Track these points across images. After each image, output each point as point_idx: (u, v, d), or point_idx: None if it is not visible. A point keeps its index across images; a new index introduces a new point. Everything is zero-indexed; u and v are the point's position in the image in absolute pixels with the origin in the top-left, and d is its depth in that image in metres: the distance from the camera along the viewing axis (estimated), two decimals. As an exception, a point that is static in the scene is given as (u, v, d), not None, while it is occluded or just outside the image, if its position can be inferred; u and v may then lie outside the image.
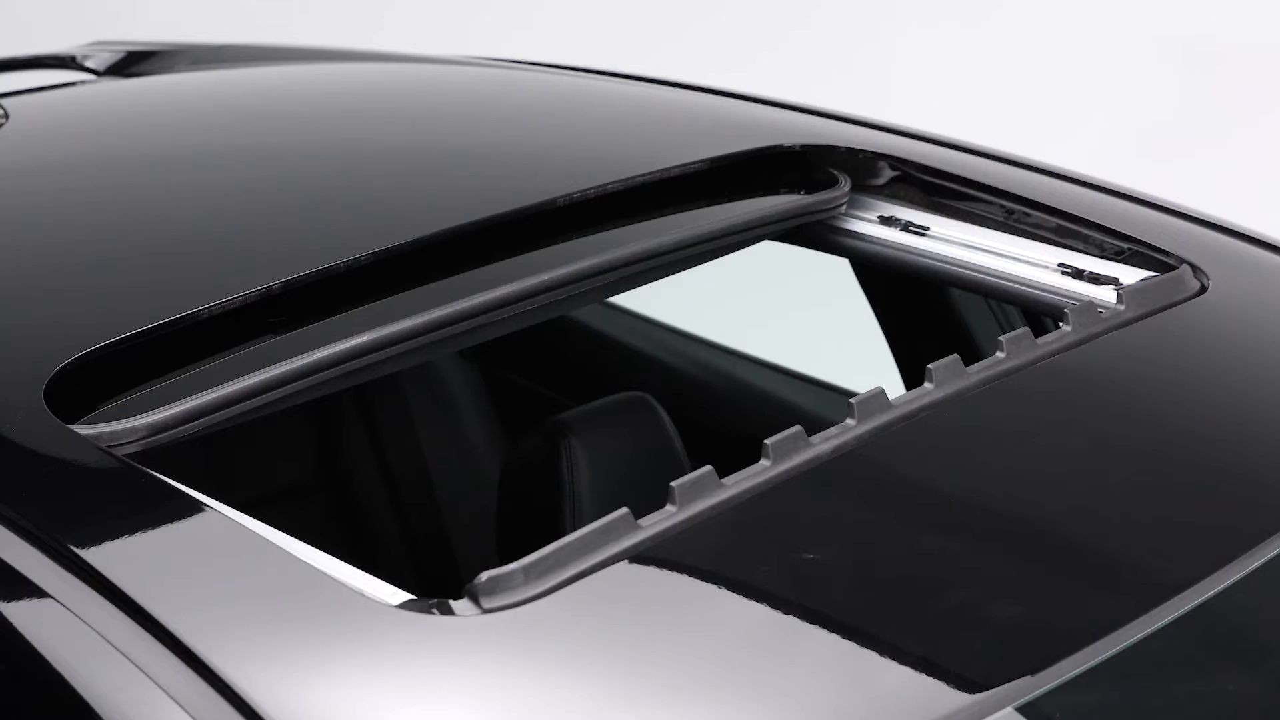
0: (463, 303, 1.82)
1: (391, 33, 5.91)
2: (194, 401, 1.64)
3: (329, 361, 1.73)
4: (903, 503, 1.59)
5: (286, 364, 1.70)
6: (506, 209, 1.98)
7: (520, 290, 1.86)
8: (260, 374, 1.68)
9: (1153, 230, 2.06)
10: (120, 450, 1.57)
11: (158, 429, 1.61)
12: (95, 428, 1.58)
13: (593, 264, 1.92)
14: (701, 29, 5.66)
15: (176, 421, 1.62)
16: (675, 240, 2.00)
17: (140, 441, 1.59)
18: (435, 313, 1.80)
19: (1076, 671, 1.40)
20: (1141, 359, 1.82)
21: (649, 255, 1.98)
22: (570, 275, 1.90)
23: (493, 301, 1.84)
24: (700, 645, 1.41)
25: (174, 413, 1.62)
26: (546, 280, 1.88)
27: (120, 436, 1.59)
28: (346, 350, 1.74)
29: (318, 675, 1.36)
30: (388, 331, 1.77)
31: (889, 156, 2.22)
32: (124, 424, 1.59)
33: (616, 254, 1.95)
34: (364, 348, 1.76)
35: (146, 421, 1.60)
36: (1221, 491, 1.66)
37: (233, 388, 1.66)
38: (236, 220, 2.03)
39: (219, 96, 2.65)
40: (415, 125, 2.40)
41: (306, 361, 1.71)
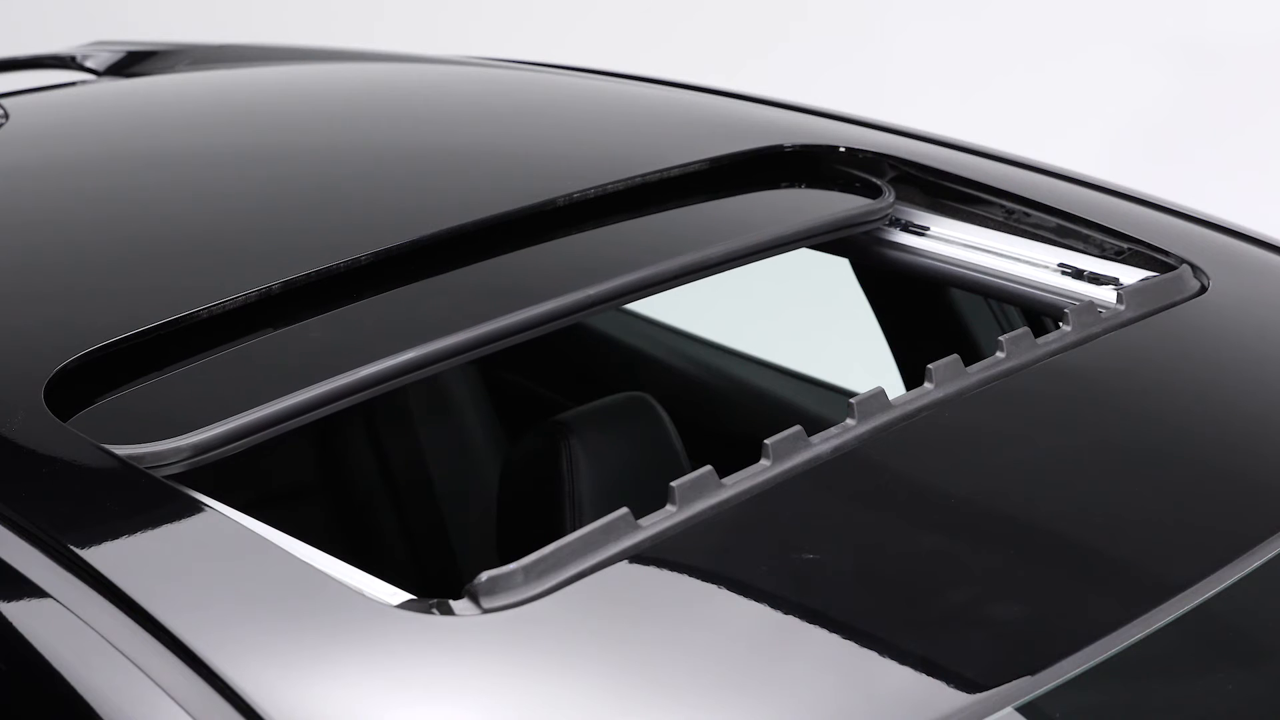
0: (511, 317, 1.79)
1: (391, 33, 5.91)
2: (238, 421, 1.60)
3: (375, 379, 1.70)
4: (903, 503, 1.59)
5: (331, 381, 1.67)
6: (517, 207, 1.97)
7: (570, 304, 1.83)
8: (305, 392, 1.65)
9: (1153, 230, 2.06)
10: (163, 472, 1.54)
11: (202, 449, 1.57)
12: (137, 448, 1.55)
13: (643, 276, 1.89)
14: (701, 28, 5.66)
15: (221, 441, 1.59)
16: (723, 252, 1.97)
17: (185, 462, 1.56)
18: (483, 328, 1.77)
19: (1076, 671, 1.40)
20: (1141, 359, 1.82)
21: (698, 267, 1.95)
22: (620, 288, 1.87)
23: (541, 316, 1.81)
24: (700, 645, 1.41)
25: (218, 432, 1.59)
26: (596, 293, 1.85)
27: (165, 457, 1.55)
28: (393, 367, 1.71)
29: (318, 675, 1.36)
30: (435, 348, 1.74)
31: (889, 156, 2.22)
32: (168, 445, 1.56)
33: (665, 266, 1.92)
34: (410, 364, 1.72)
35: (191, 442, 1.57)
36: (1221, 491, 1.66)
37: (277, 406, 1.63)
38: (236, 220, 2.03)
39: (219, 96, 2.65)
40: (415, 125, 2.40)
41: (352, 379, 1.68)
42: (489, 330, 1.78)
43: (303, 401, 1.65)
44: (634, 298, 1.90)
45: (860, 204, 2.12)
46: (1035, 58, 5.26)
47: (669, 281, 1.92)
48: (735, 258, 1.97)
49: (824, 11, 5.53)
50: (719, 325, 3.10)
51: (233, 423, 1.60)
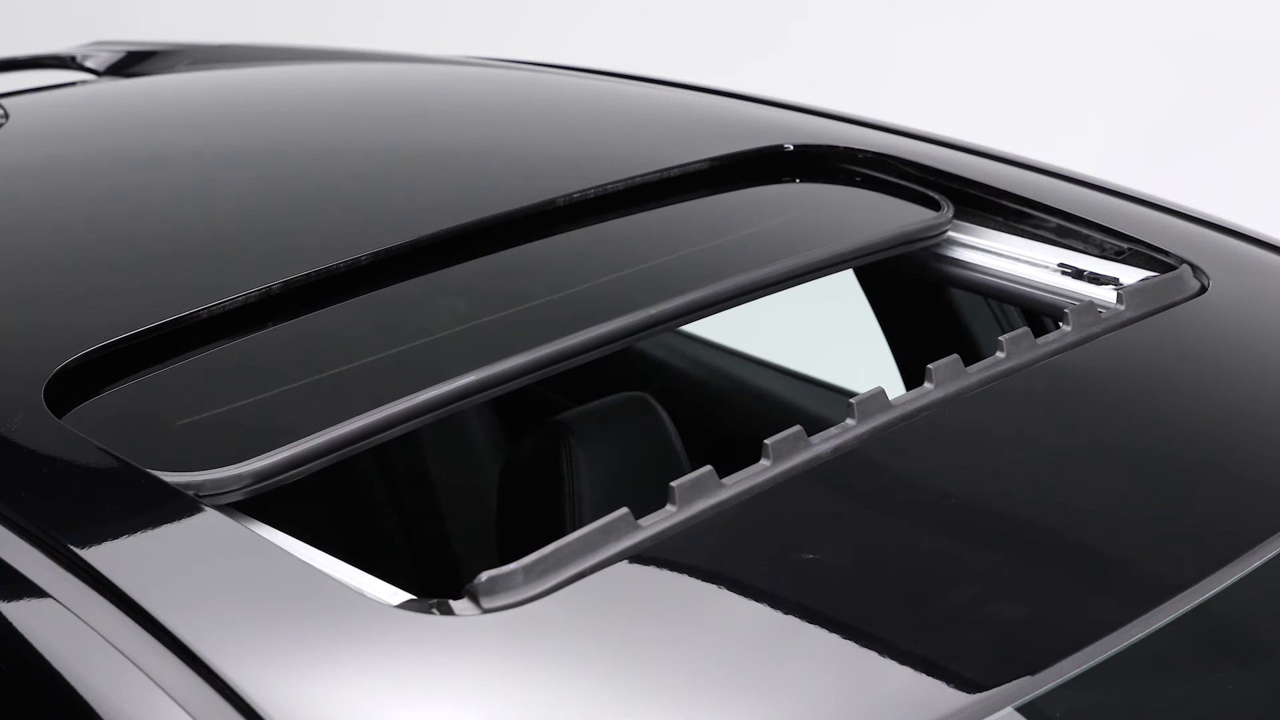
0: (566, 341, 1.76)
1: (391, 33, 5.91)
2: (300, 447, 1.57)
3: (433, 404, 1.66)
4: (903, 503, 1.59)
5: (390, 407, 1.64)
6: (535, 206, 1.97)
7: (626, 326, 1.80)
8: (365, 418, 1.62)
9: (1153, 230, 2.07)
10: (222, 500, 1.51)
11: (263, 476, 1.54)
12: (194, 476, 1.52)
13: (699, 297, 1.86)
14: (701, 29, 5.66)
15: (281, 468, 1.56)
16: (782, 270, 1.94)
17: (244, 490, 1.53)
18: (540, 351, 1.74)
19: (1076, 671, 1.40)
20: (1141, 359, 1.82)
21: (757, 286, 1.91)
22: (675, 310, 1.84)
23: (602, 337, 1.78)
24: (700, 645, 1.41)
25: (279, 459, 1.56)
26: (653, 315, 1.82)
27: (226, 484, 1.52)
28: (451, 392, 1.68)
29: (318, 675, 1.36)
30: (493, 371, 1.71)
31: (889, 156, 2.22)
32: (227, 472, 1.52)
33: (723, 286, 1.88)
34: (469, 388, 1.69)
35: (252, 469, 1.54)
36: (1221, 491, 1.66)
37: (336, 433, 1.60)
38: (237, 220, 2.03)
39: (219, 96, 2.65)
40: (416, 126, 2.40)
41: (410, 405, 1.65)
42: (549, 353, 1.74)
43: (363, 427, 1.61)
44: (695, 317, 1.86)
45: (922, 218, 2.09)
46: (1035, 58, 5.27)
47: (729, 300, 1.88)
48: (797, 275, 1.94)
49: (824, 12, 5.53)
50: (719, 325, 3.10)
51: (294, 449, 1.57)
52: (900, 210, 2.14)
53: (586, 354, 1.77)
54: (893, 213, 2.14)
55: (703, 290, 1.86)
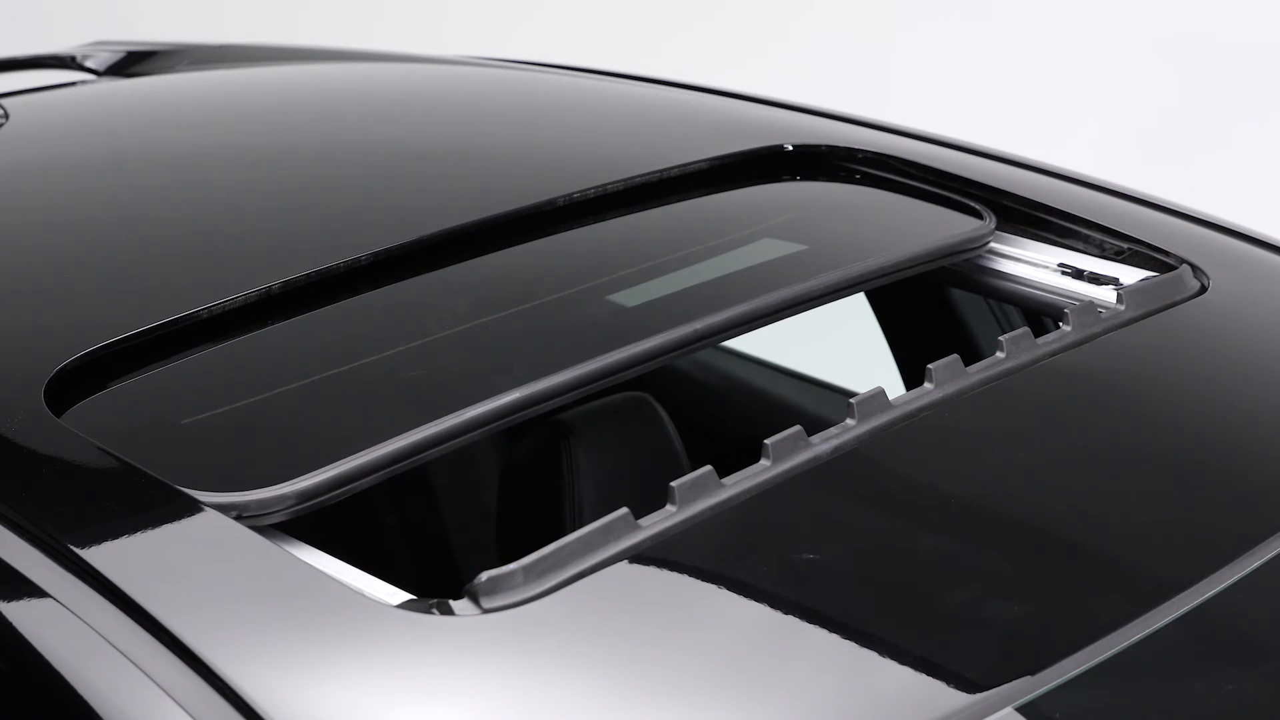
0: (611, 356, 1.73)
1: (391, 33, 5.91)
2: (342, 467, 1.54)
3: (479, 421, 1.64)
4: (903, 503, 1.59)
5: (437, 424, 1.61)
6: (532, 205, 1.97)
7: (672, 341, 1.77)
8: (411, 435, 1.59)
9: (1153, 230, 2.06)
10: (265, 520, 1.50)
11: (307, 496, 1.52)
12: (235, 496, 1.49)
13: (747, 309, 1.83)
14: (701, 29, 5.66)
15: (327, 488, 1.53)
16: (829, 282, 1.89)
17: (288, 510, 1.51)
18: (586, 367, 1.71)
19: (1076, 671, 1.40)
20: (1141, 359, 1.82)
21: (806, 298, 1.87)
22: (723, 323, 1.81)
23: (641, 355, 1.75)
24: (700, 645, 1.41)
25: (323, 479, 1.53)
26: (699, 329, 1.79)
27: (269, 505, 1.50)
28: (498, 409, 1.65)
29: (318, 675, 1.36)
30: (541, 387, 1.67)
31: (888, 156, 2.22)
32: (270, 492, 1.50)
33: (770, 298, 1.85)
34: (515, 405, 1.66)
35: (296, 489, 1.51)
36: (1221, 491, 1.66)
37: (381, 451, 1.57)
38: (236, 220, 2.03)
39: (219, 96, 2.65)
40: (416, 126, 2.40)
41: (456, 422, 1.62)
42: (595, 368, 1.71)
43: (411, 444, 1.59)
44: (740, 332, 1.83)
45: (966, 229, 2.05)
46: (1034, 57, 5.27)
47: (775, 315, 1.85)
48: (841, 288, 1.91)
49: (824, 12, 5.53)
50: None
51: (338, 468, 1.54)
52: (940, 219, 2.11)
53: (631, 369, 1.74)
54: (933, 222, 2.11)
55: (749, 304, 1.83)
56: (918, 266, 1.97)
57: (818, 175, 2.22)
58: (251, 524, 1.48)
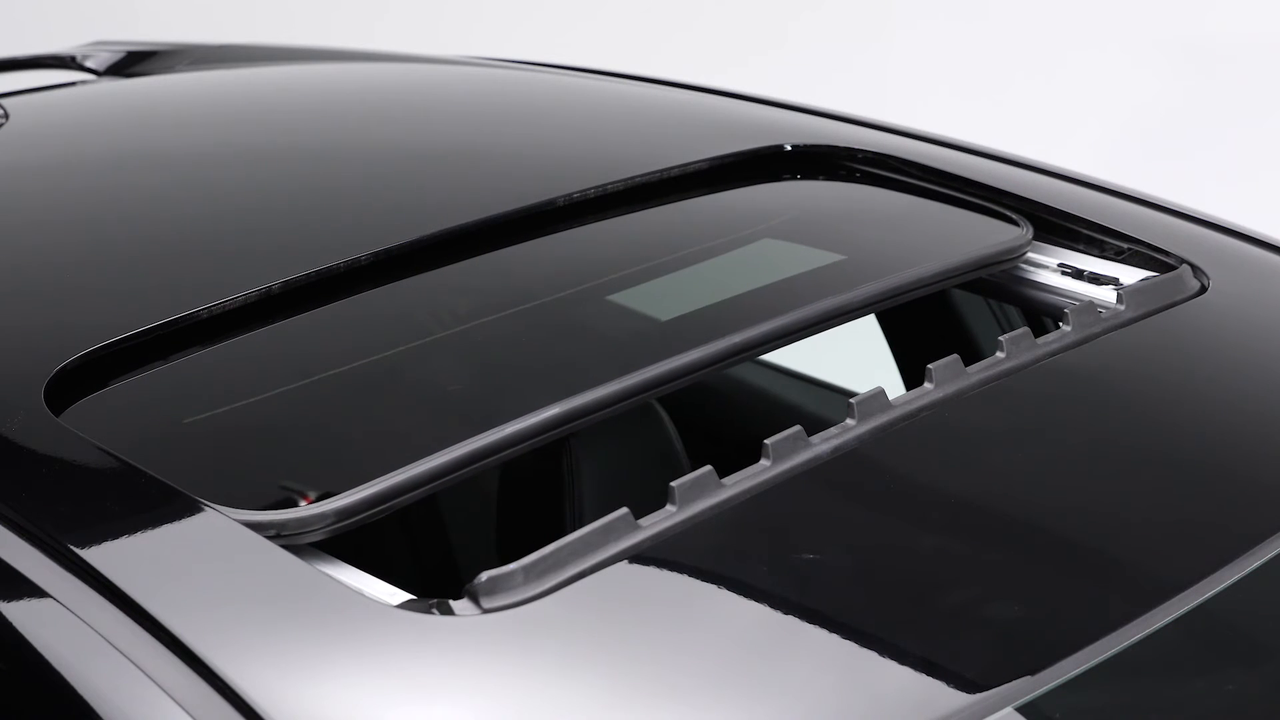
0: (653, 369, 1.69)
1: (391, 33, 5.91)
2: (383, 484, 1.51)
3: (520, 436, 1.60)
4: (903, 503, 1.59)
5: (477, 440, 1.58)
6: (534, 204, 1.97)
7: (715, 353, 1.74)
8: (451, 451, 1.56)
9: (1153, 230, 2.06)
10: (301, 540, 1.48)
11: (346, 514, 1.49)
12: (272, 515, 1.47)
13: (786, 322, 1.79)
14: (701, 29, 5.66)
15: (366, 505, 1.50)
16: (867, 295, 1.86)
17: (326, 529, 1.48)
18: (627, 380, 1.68)
19: (1076, 671, 1.40)
20: (1141, 359, 1.82)
21: (844, 310, 1.84)
22: (764, 335, 1.78)
23: (685, 367, 1.71)
24: (700, 645, 1.41)
25: (361, 497, 1.50)
26: (739, 341, 1.75)
27: (308, 524, 1.48)
28: (539, 424, 1.61)
29: (318, 675, 1.36)
30: (580, 402, 1.64)
31: (889, 156, 2.22)
32: (309, 511, 1.48)
33: (810, 310, 1.82)
34: (556, 420, 1.63)
35: (335, 507, 1.49)
36: (1221, 491, 1.66)
37: (422, 468, 1.54)
38: (236, 220, 2.03)
39: (219, 96, 2.65)
40: (415, 126, 2.40)
41: (498, 438, 1.59)
42: (635, 383, 1.68)
43: (450, 460, 1.56)
44: (778, 345, 1.80)
45: (1005, 237, 2.02)
46: (1035, 58, 5.27)
47: (814, 327, 1.82)
48: (877, 300, 1.88)
49: (823, 13, 5.53)
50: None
51: (378, 485, 1.51)
52: (969, 225, 2.09)
53: (676, 382, 1.71)
54: (964, 228, 2.08)
55: (790, 316, 1.80)
56: (958, 277, 1.95)
57: (831, 176, 2.22)
58: (291, 544, 1.46)
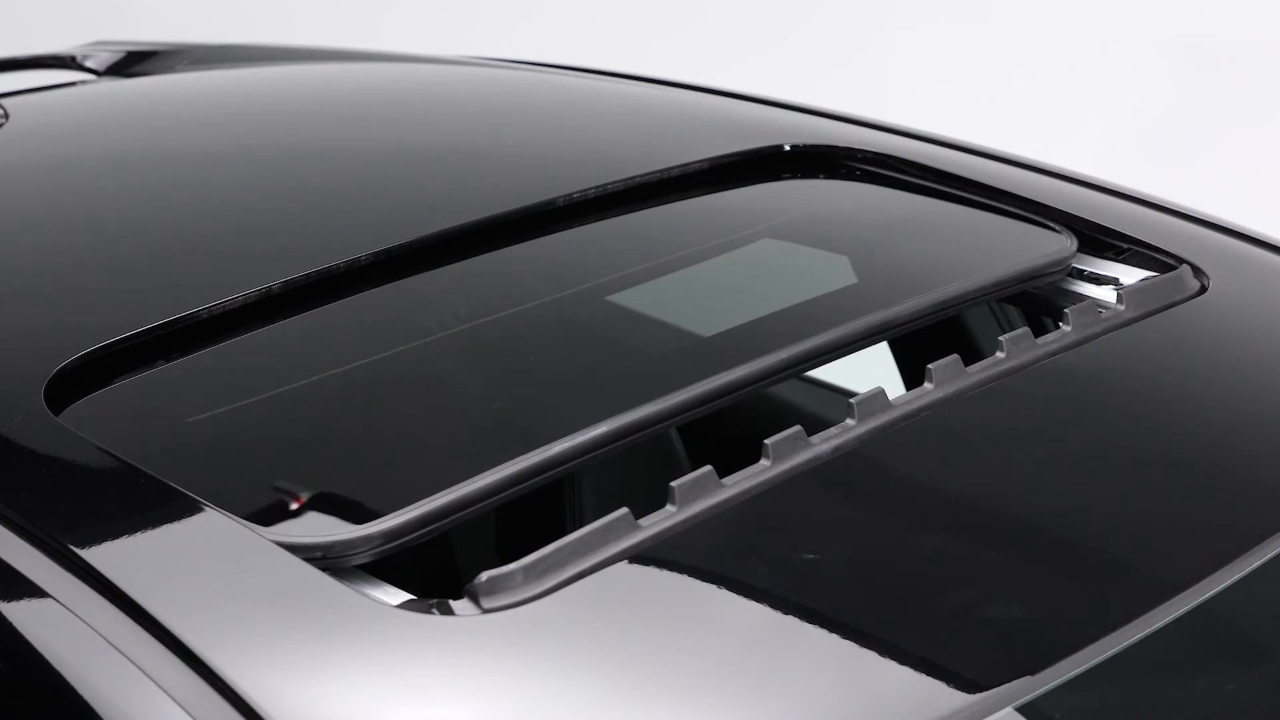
0: (703, 385, 1.67)
1: (391, 33, 5.91)
2: (430, 505, 1.49)
3: (569, 455, 1.58)
4: (903, 503, 1.59)
5: (525, 459, 1.55)
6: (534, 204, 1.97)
7: (764, 368, 1.71)
8: (498, 471, 1.54)
9: (1153, 230, 2.06)
10: (348, 562, 1.45)
11: (394, 536, 1.47)
12: (315, 538, 1.45)
13: (835, 337, 1.77)
14: (701, 28, 5.66)
15: (413, 527, 1.48)
16: (912, 310, 1.83)
17: (373, 551, 1.46)
18: (676, 397, 1.65)
19: (1076, 671, 1.40)
20: (1141, 359, 1.82)
21: (890, 325, 1.82)
22: (811, 350, 1.75)
23: (732, 384, 1.69)
24: (700, 645, 1.41)
25: (409, 518, 1.48)
26: (787, 358, 1.73)
27: (354, 546, 1.45)
28: (587, 442, 1.59)
29: (318, 675, 1.36)
30: (629, 419, 1.62)
31: (889, 156, 2.22)
32: (355, 533, 1.46)
33: (858, 325, 1.79)
34: (604, 438, 1.60)
35: (383, 529, 1.46)
36: (1221, 491, 1.66)
37: (470, 487, 1.51)
38: (237, 220, 2.03)
39: (219, 96, 2.65)
40: (415, 126, 2.39)
41: (546, 456, 1.57)
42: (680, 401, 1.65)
43: (498, 481, 1.53)
44: (825, 361, 1.77)
45: (1048, 250, 1.97)
46: (1035, 58, 5.27)
47: (860, 342, 1.79)
48: (923, 315, 1.84)
49: (823, 13, 5.53)
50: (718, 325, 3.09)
51: (425, 506, 1.49)
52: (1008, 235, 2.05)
53: (722, 399, 1.68)
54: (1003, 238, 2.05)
55: (839, 330, 1.77)
56: (1003, 290, 1.91)
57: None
58: (337, 566, 1.44)
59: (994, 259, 1.97)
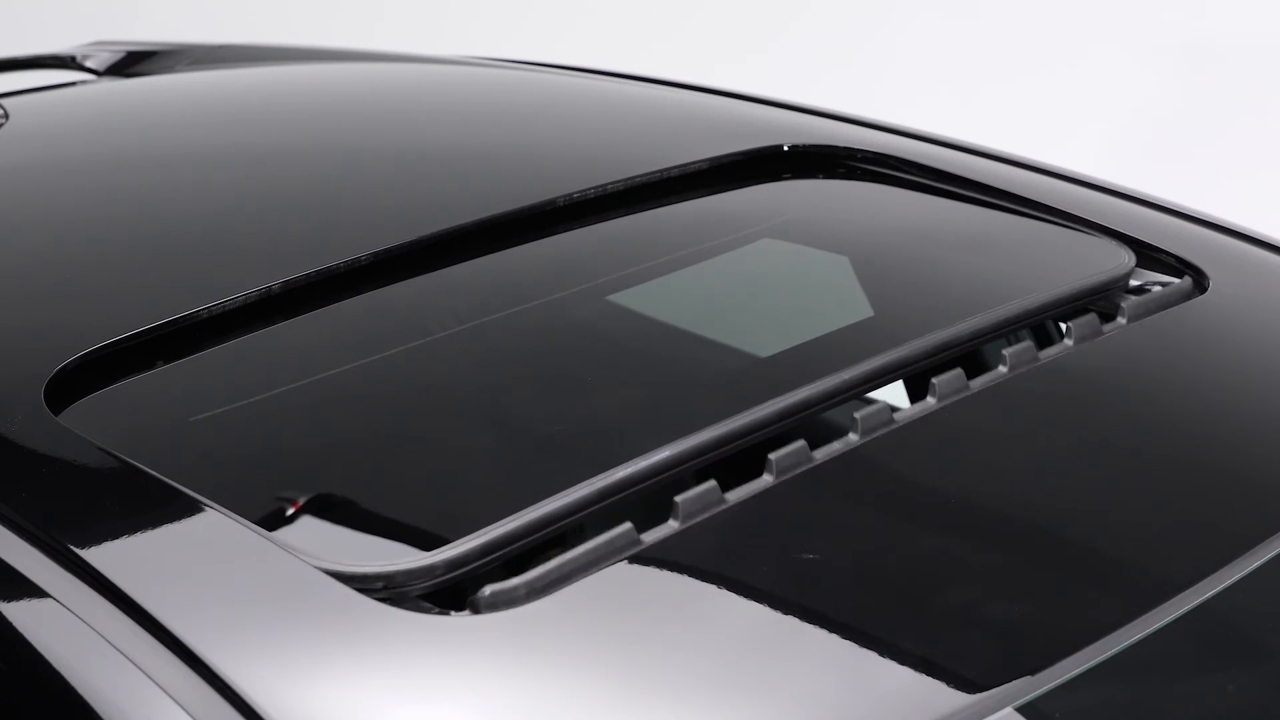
0: (773, 404, 1.63)
1: (391, 33, 5.91)
2: (494, 533, 1.45)
3: (636, 479, 1.53)
4: (903, 503, 1.59)
5: (590, 484, 1.51)
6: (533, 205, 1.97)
7: (836, 386, 1.67)
8: (564, 496, 1.49)
9: (1153, 230, 2.06)
10: (409, 594, 1.42)
11: (457, 565, 1.43)
12: (373, 567, 1.41)
13: (901, 355, 1.72)
14: (701, 29, 5.66)
15: (476, 555, 1.44)
16: (972, 329, 1.78)
17: (434, 582, 1.43)
18: (746, 418, 1.61)
19: (1076, 671, 1.40)
20: (1141, 359, 1.82)
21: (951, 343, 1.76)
22: (878, 369, 1.70)
23: (801, 403, 1.64)
24: (700, 646, 1.41)
25: (472, 546, 1.44)
26: (857, 375, 1.68)
27: (416, 576, 1.42)
28: (654, 465, 1.54)
29: (318, 675, 1.36)
30: (697, 441, 1.57)
31: (889, 156, 2.22)
32: (416, 562, 1.42)
33: (924, 342, 1.74)
34: (670, 461, 1.55)
35: (445, 558, 1.43)
36: (1221, 491, 1.66)
37: (534, 514, 1.47)
38: (236, 220, 2.03)
39: (219, 96, 2.65)
40: (416, 126, 2.40)
41: (610, 481, 1.52)
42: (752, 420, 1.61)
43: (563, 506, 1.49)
44: (887, 382, 1.73)
45: (1109, 265, 1.92)
46: (1035, 59, 5.27)
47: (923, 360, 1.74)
48: (985, 333, 1.80)
49: (822, 13, 5.53)
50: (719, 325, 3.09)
51: (489, 534, 1.45)
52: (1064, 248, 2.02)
53: (786, 420, 1.64)
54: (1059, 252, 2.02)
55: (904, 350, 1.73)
56: (1061, 307, 1.86)
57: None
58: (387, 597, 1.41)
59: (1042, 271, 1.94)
